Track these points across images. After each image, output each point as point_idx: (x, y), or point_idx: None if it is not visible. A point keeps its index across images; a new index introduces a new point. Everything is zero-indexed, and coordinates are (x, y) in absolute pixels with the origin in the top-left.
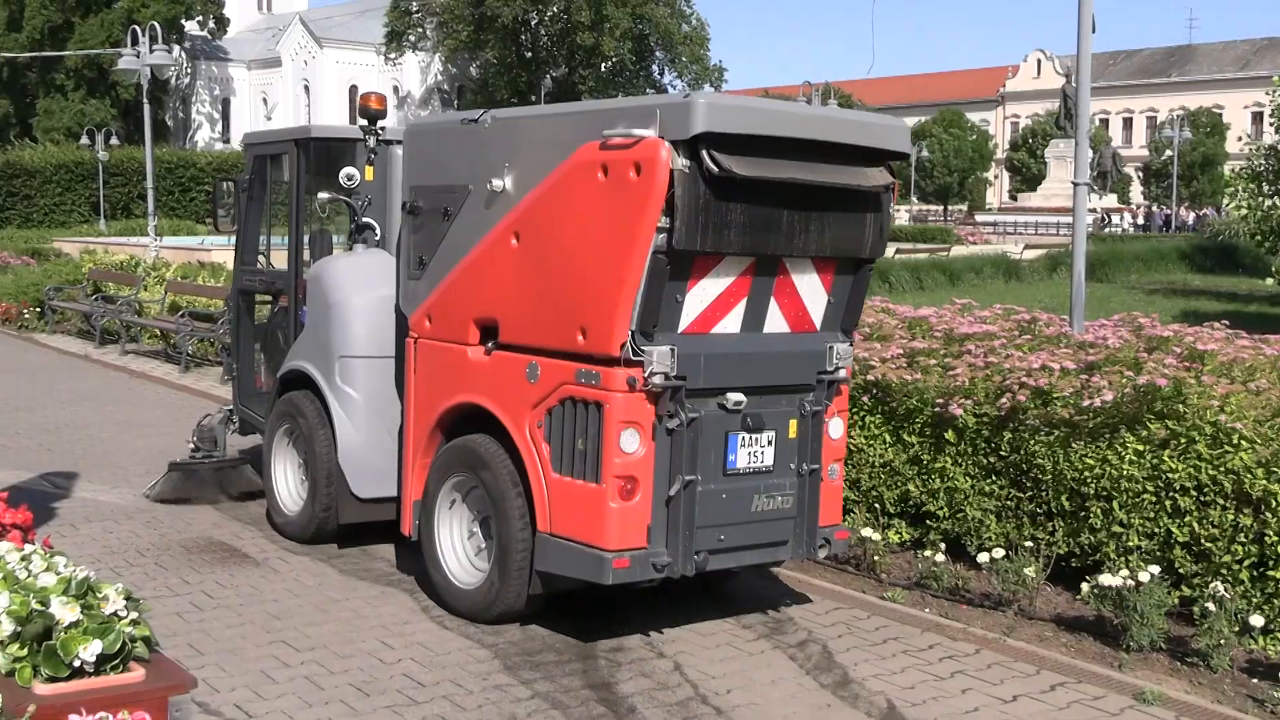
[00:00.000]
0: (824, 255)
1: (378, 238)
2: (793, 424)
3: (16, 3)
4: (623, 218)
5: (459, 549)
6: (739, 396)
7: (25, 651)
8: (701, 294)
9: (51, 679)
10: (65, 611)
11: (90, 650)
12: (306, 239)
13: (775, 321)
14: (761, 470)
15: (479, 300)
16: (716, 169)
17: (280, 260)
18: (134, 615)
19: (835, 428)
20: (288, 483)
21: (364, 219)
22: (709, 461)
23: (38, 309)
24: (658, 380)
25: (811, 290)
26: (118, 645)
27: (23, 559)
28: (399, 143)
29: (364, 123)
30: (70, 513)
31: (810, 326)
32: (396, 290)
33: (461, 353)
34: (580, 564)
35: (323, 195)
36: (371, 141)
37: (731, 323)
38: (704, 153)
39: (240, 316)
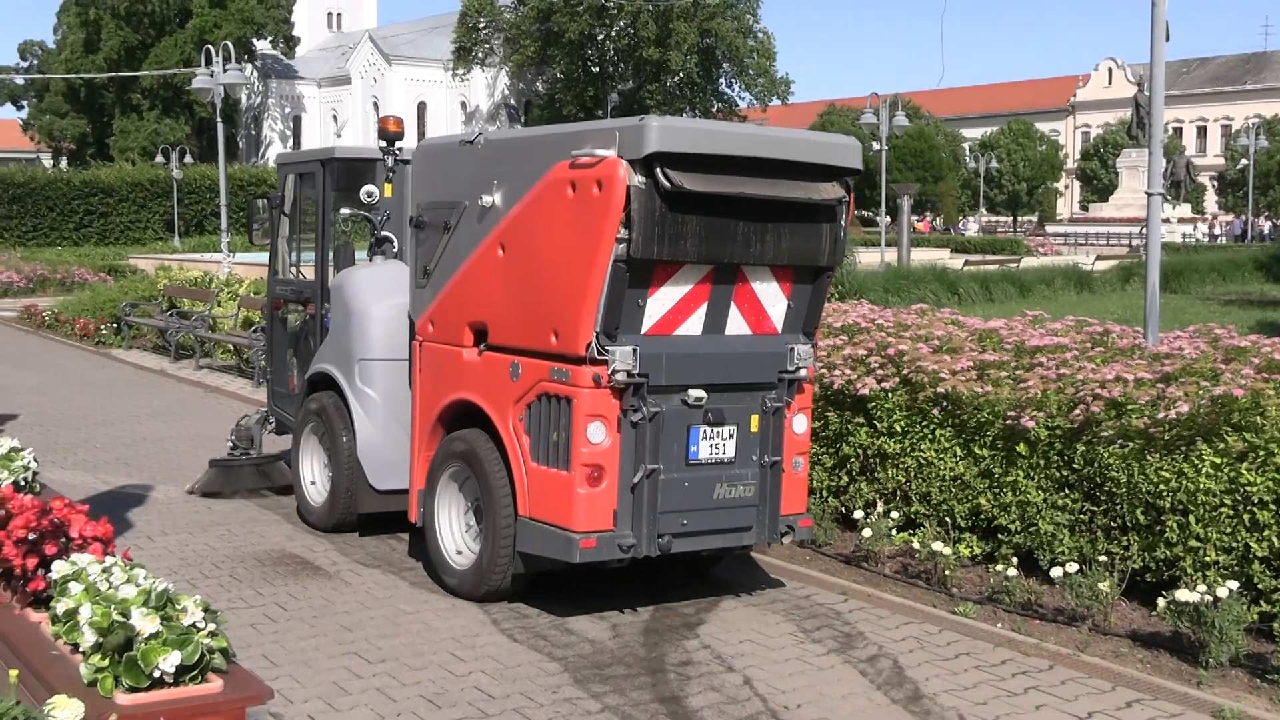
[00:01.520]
0: (781, 263)
1: (395, 250)
2: (754, 419)
3: (93, 25)
4: (587, 230)
5: (456, 533)
6: (699, 393)
7: (107, 662)
8: (663, 299)
9: (132, 689)
10: (145, 623)
11: (170, 661)
12: (331, 252)
13: (736, 324)
14: (723, 461)
15: (472, 306)
16: (669, 185)
17: (310, 271)
18: (212, 627)
19: (799, 423)
20: (314, 476)
21: (383, 233)
22: (671, 452)
23: (115, 325)
24: (620, 377)
25: (771, 296)
26: (196, 656)
27: (104, 571)
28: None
29: (382, 143)
30: (147, 525)
31: (771, 329)
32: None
33: (457, 354)
34: (553, 544)
35: (344, 211)
36: (390, 161)
37: (693, 325)
38: (658, 170)
39: (274, 324)
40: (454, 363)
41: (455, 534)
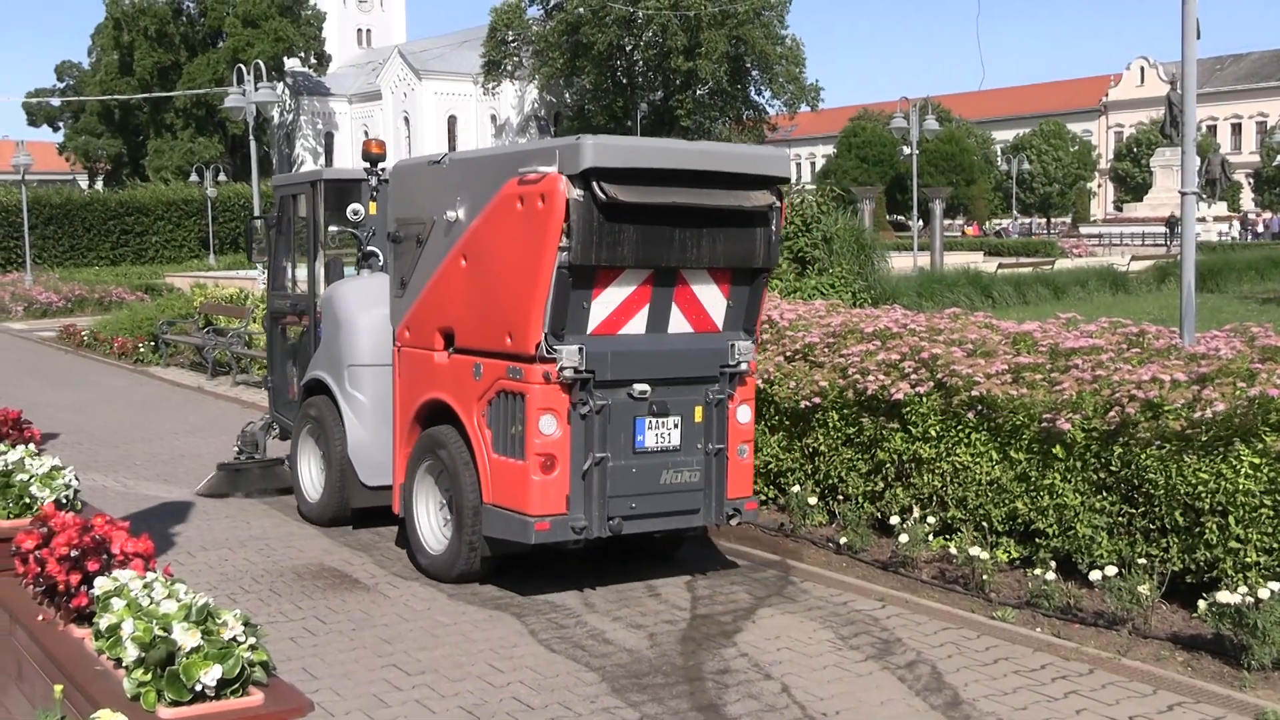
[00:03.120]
0: (718, 266)
1: (381, 263)
2: (698, 410)
3: (126, 47)
4: (532, 240)
5: (433, 521)
6: (644, 386)
7: (149, 676)
8: (606, 301)
9: (174, 703)
10: (187, 637)
11: (211, 675)
12: (322, 266)
13: (678, 323)
14: (669, 449)
15: (441, 313)
16: (605, 197)
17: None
18: (252, 640)
19: (742, 413)
20: (311, 474)
21: (369, 248)
22: (619, 442)
23: (152, 343)
24: (568, 374)
25: (710, 296)
26: (237, 670)
27: (145, 586)
28: None
29: (366, 165)
30: (187, 541)
31: (712, 327)
32: None
33: (429, 357)
34: (511, 528)
35: (332, 228)
36: (374, 181)
37: (637, 325)
38: (594, 184)
39: (274, 335)
40: (427, 365)
41: (432, 522)
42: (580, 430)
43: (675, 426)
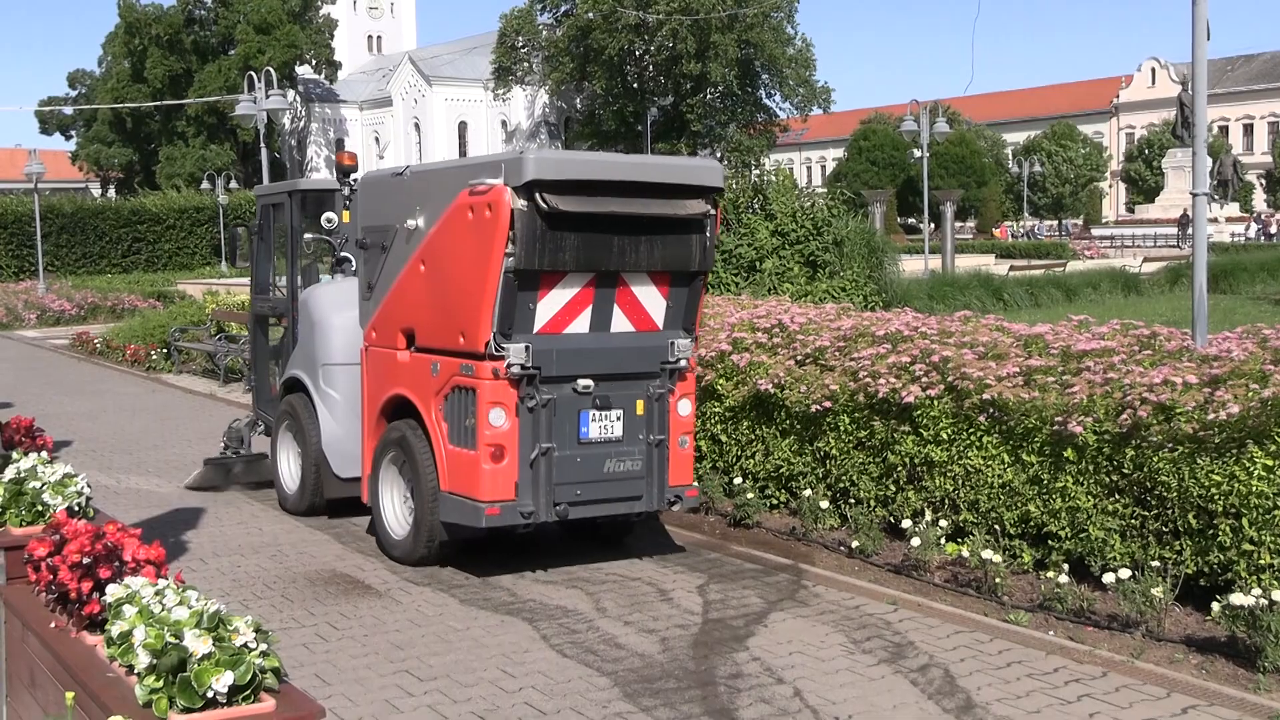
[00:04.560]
0: (656, 269)
1: (354, 268)
2: (640, 403)
3: (138, 54)
4: (481, 246)
5: (397, 509)
6: (587, 381)
7: (161, 683)
8: (551, 303)
9: (186, 710)
10: (198, 644)
11: (223, 681)
12: (300, 271)
13: (620, 323)
14: (612, 440)
15: (403, 314)
16: (546, 207)
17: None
18: (263, 647)
19: (683, 407)
20: (289, 468)
21: (342, 254)
22: (564, 433)
23: (164, 350)
24: (515, 370)
25: (650, 297)
26: (249, 676)
27: (157, 593)
28: None
29: (340, 176)
30: (199, 547)
31: (653, 326)
32: None
33: (393, 356)
34: (464, 513)
35: (308, 236)
36: (346, 191)
37: (581, 324)
38: (537, 195)
39: (256, 336)
40: (391, 363)
41: (396, 510)
42: (528, 422)
43: (618, 419)
